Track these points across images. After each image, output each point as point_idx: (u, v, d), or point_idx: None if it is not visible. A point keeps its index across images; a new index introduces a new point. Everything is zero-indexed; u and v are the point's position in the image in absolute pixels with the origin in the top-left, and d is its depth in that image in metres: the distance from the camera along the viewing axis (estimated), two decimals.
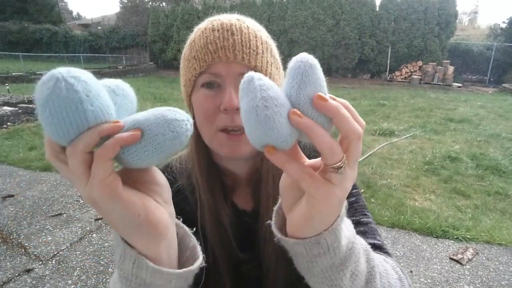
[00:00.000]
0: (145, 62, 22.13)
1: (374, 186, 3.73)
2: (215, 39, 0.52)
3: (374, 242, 0.57)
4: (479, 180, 3.99)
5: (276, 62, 0.58)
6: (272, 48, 0.58)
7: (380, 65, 16.61)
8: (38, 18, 26.17)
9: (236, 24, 0.53)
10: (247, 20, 0.57)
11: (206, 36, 0.53)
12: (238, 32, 0.53)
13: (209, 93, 0.53)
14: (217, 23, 0.54)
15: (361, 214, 0.62)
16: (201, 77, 0.54)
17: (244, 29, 0.53)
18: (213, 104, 0.53)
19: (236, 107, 0.50)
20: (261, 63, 0.53)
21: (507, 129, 6.48)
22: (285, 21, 16.30)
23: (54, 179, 3.89)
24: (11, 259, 2.44)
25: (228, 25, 0.53)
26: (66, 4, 58.73)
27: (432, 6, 15.38)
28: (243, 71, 0.51)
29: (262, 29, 0.59)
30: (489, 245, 2.70)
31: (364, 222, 0.61)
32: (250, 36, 0.53)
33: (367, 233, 0.59)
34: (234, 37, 0.52)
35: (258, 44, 0.54)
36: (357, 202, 0.63)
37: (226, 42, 0.51)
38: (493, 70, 16.38)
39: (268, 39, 0.58)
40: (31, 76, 14.01)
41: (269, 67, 0.55)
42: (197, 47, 0.54)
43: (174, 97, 10.14)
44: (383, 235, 2.82)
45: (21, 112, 7.15)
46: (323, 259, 0.35)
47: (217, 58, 0.51)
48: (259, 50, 0.54)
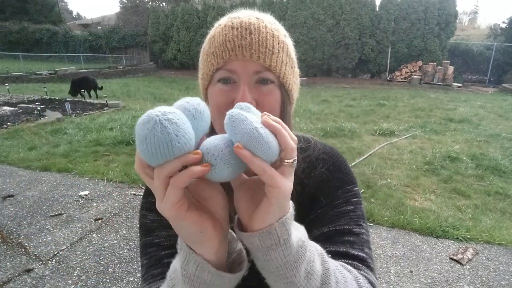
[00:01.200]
0: (145, 62, 22.13)
1: (374, 186, 3.73)
2: (234, 37, 0.53)
3: (358, 254, 0.57)
4: (479, 180, 3.99)
5: (291, 61, 0.59)
6: (289, 47, 0.59)
7: (380, 65, 16.61)
8: (38, 18, 26.18)
9: (255, 23, 0.55)
10: (266, 19, 0.58)
11: (225, 34, 0.54)
12: (256, 31, 0.54)
13: (224, 88, 0.56)
14: (237, 21, 0.55)
15: (355, 224, 0.62)
16: (217, 73, 0.56)
17: (262, 28, 0.55)
18: (227, 98, 0.55)
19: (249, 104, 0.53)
20: (275, 62, 0.55)
21: (507, 129, 6.49)
22: (285, 21, 16.24)
23: (54, 179, 3.89)
24: (11, 259, 2.44)
25: (247, 23, 0.54)
26: (66, 4, 58.73)
27: (432, 6, 15.37)
28: (258, 69, 0.54)
29: (281, 27, 0.60)
30: (489, 245, 2.70)
31: (355, 232, 0.61)
32: (268, 35, 0.55)
33: (355, 244, 0.59)
34: (252, 36, 0.53)
35: (275, 44, 0.55)
36: (354, 212, 0.63)
37: (243, 40, 0.53)
38: (493, 70, 16.37)
39: (286, 38, 0.59)
40: (31, 76, 14.02)
41: (283, 67, 0.56)
42: (216, 44, 0.55)
43: (174, 97, 10.14)
44: (383, 235, 2.82)
45: (21, 112, 7.15)
46: (276, 252, 0.40)
47: (234, 56, 0.53)
48: (275, 50, 0.55)
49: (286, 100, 0.59)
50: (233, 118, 0.35)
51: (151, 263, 0.60)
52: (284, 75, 0.57)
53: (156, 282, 0.56)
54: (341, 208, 0.62)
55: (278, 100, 0.57)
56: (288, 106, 0.60)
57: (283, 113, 0.59)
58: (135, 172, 4.00)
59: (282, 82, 0.57)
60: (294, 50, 0.62)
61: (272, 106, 0.56)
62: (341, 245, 0.58)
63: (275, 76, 0.56)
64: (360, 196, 0.67)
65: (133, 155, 4.73)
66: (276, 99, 0.57)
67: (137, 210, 3.15)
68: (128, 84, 13.43)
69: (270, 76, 0.55)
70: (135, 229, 2.89)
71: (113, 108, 7.94)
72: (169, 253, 0.60)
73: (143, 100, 9.61)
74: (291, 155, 0.37)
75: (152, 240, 0.62)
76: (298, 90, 0.65)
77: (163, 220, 0.62)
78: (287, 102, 0.60)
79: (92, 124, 6.29)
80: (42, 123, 6.22)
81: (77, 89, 9.23)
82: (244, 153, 0.35)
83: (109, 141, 5.21)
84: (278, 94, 0.57)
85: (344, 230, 0.60)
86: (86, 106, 8.33)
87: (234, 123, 0.35)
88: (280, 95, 0.57)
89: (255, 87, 0.55)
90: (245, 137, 0.35)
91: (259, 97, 0.55)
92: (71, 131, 5.77)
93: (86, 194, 3.52)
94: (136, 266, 2.41)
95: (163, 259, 0.59)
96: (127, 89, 11.65)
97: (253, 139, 0.35)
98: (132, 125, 6.22)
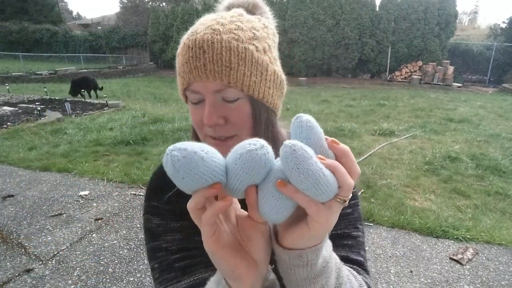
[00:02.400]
0: (145, 62, 22.13)
1: (374, 186, 3.73)
2: (189, 59, 0.52)
3: (357, 258, 0.61)
4: (479, 180, 3.99)
5: (258, 67, 0.54)
6: (253, 54, 0.53)
7: (380, 65, 16.61)
8: (38, 18, 26.18)
9: (209, 39, 0.51)
10: (226, 26, 0.53)
11: (183, 54, 0.53)
12: (210, 48, 0.51)
13: (195, 108, 0.56)
14: (193, 38, 0.52)
15: (353, 227, 0.64)
16: (187, 92, 0.56)
17: (217, 43, 0.51)
18: (199, 117, 0.55)
19: (214, 124, 0.52)
20: (235, 78, 0.52)
21: (507, 129, 6.49)
22: (285, 21, 16.29)
23: (54, 179, 3.89)
24: (11, 259, 2.44)
25: (201, 41, 0.51)
26: (66, 4, 58.73)
27: (432, 6, 15.37)
28: (219, 88, 0.52)
29: (247, 27, 0.54)
30: (489, 245, 2.70)
31: (353, 236, 0.63)
32: (223, 50, 0.51)
33: (353, 248, 0.61)
34: (206, 55, 0.51)
35: (232, 58, 0.51)
36: (352, 214, 0.65)
37: (198, 62, 0.51)
38: (493, 70, 16.37)
39: (250, 43, 0.53)
40: (31, 76, 14.02)
41: (245, 79, 0.53)
42: (179, 63, 0.55)
43: (174, 97, 10.15)
44: (383, 235, 2.82)
45: (21, 112, 7.15)
46: (301, 270, 0.41)
47: (192, 77, 0.53)
48: (233, 65, 0.51)
49: (259, 109, 0.56)
50: (296, 154, 0.32)
51: (163, 267, 0.60)
52: (248, 87, 0.53)
53: (173, 285, 0.58)
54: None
55: (248, 113, 0.55)
56: (262, 114, 0.57)
57: (257, 125, 0.56)
58: (135, 172, 4.03)
59: (250, 95, 0.54)
60: (274, 44, 0.58)
61: (241, 121, 0.54)
62: (341, 249, 0.60)
63: (239, 91, 0.53)
64: (357, 198, 0.68)
65: (133, 155, 4.73)
66: (246, 113, 0.54)
67: (137, 210, 3.17)
68: (128, 84, 13.43)
69: (232, 92, 0.53)
70: (135, 229, 2.89)
71: (113, 108, 7.94)
72: (179, 257, 0.60)
73: (143, 100, 9.62)
74: (347, 193, 0.35)
75: (160, 244, 0.62)
76: (282, 89, 0.61)
77: (168, 224, 0.63)
78: (261, 111, 0.56)
79: (92, 124, 6.29)
80: (42, 123, 6.22)
81: (77, 89, 9.23)
82: (289, 189, 0.34)
83: (109, 141, 5.21)
84: (248, 107, 0.54)
85: (344, 234, 0.62)
86: (86, 106, 8.33)
87: (297, 160, 0.32)
88: (250, 107, 0.55)
89: (222, 105, 0.53)
90: (310, 179, 0.32)
91: (227, 113, 0.53)
92: (71, 131, 5.77)
93: (86, 194, 3.52)
94: (136, 266, 2.41)
95: (174, 263, 0.60)
96: (127, 89, 11.65)
97: (318, 181, 0.33)
98: (132, 125, 6.22)
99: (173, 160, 0.33)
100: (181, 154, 0.33)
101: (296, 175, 0.32)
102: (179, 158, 0.33)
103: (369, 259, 2.51)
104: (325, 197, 0.34)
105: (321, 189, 0.33)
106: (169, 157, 0.33)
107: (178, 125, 6.06)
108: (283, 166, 0.34)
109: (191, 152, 0.33)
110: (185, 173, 0.33)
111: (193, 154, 0.33)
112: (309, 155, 0.32)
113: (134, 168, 4.14)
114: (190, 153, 0.33)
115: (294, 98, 9.83)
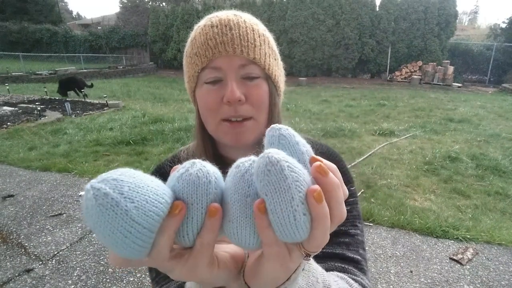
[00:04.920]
0: (145, 62, 22.13)
1: (374, 186, 3.73)
2: (215, 35, 0.54)
3: (353, 256, 0.59)
4: (479, 180, 3.99)
5: (274, 53, 0.61)
6: (270, 41, 0.60)
7: (380, 65, 16.61)
8: (38, 18, 26.17)
9: (234, 19, 0.55)
10: (244, 15, 0.58)
11: (206, 33, 0.55)
12: (236, 26, 0.54)
13: (212, 88, 0.56)
14: (215, 19, 0.56)
15: (351, 225, 0.63)
16: (203, 72, 0.56)
17: (242, 23, 0.55)
18: (216, 97, 0.55)
19: (238, 99, 0.53)
20: (259, 55, 0.56)
21: (507, 129, 6.48)
22: (285, 21, 16.29)
23: (54, 179, 3.89)
24: (11, 259, 2.44)
25: (226, 20, 0.55)
26: (66, 4, 58.71)
27: (432, 6, 15.37)
28: (243, 63, 0.54)
29: (259, 22, 0.61)
30: (489, 245, 2.70)
31: (351, 234, 0.62)
32: (248, 30, 0.55)
33: (350, 246, 0.61)
34: (233, 31, 0.54)
35: (256, 37, 0.56)
36: (351, 212, 0.63)
37: (225, 37, 0.53)
38: (493, 70, 16.36)
39: (265, 32, 0.60)
40: (31, 76, 14.01)
41: (267, 58, 0.57)
42: (198, 44, 0.56)
43: (174, 97, 10.14)
44: (383, 235, 2.82)
45: (21, 112, 7.15)
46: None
47: (217, 52, 0.54)
48: (257, 43, 0.56)
49: (273, 91, 0.60)
50: (272, 169, 0.25)
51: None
52: (269, 67, 0.58)
53: (166, 284, 0.58)
54: None
55: (266, 92, 0.58)
56: (276, 97, 0.61)
57: (271, 106, 0.59)
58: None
59: (268, 74, 0.58)
60: (275, 44, 0.63)
61: (261, 99, 0.57)
62: (337, 247, 0.60)
63: (260, 69, 0.56)
64: (356, 196, 0.68)
65: (133, 155, 4.73)
66: (265, 91, 0.57)
67: None
68: (128, 84, 13.43)
69: (255, 69, 0.56)
70: None
71: (113, 108, 7.94)
72: None
73: (143, 100, 9.61)
74: (315, 249, 0.29)
75: None
76: (284, 82, 0.66)
77: None
78: (274, 93, 0.60)
79: (92, 124, 6.29)
80: (42, 123, 6.22)
81: (64, 90, 9.12)
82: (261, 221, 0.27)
83: (109, 141, 5.21)
84: (266, 86, 0.58)
85: (340, 231, 0.61)
86: (86, 106, 8.33)
87: (269, 177, 0.25)
88: (267, 87, 0.58)
89: (242, 83, 0.55)
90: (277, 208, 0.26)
91: (247, 91, 0.55)
92: (71, 131, 5.77)
93: None
94: None
95: None
96: (127, 89, 11.65)
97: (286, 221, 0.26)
98: (132, 125, 6.22)
99: (96, 198, 0.25)
100: (97, 198, 0.24)
101: (264, 190, 0.26)
102: (93, 203, 0.24)
103: (369, 259, 2.51)
104: (291, 238, 0.28)
105: (287, 228, 0.27)
106: (91, 192, 0.24)
107: (178, 125, 6.06)
108: (255, 180, 0.27)
109: (112, 198, 0.25)
110: (98, 224, 0.25)
111: (114, 204, 0.25)
112: (288, 183, 0.26)
113: (134, 168, 4.13)
114: (110, 200, 0.24)
115: (294, 98, 9.83)
